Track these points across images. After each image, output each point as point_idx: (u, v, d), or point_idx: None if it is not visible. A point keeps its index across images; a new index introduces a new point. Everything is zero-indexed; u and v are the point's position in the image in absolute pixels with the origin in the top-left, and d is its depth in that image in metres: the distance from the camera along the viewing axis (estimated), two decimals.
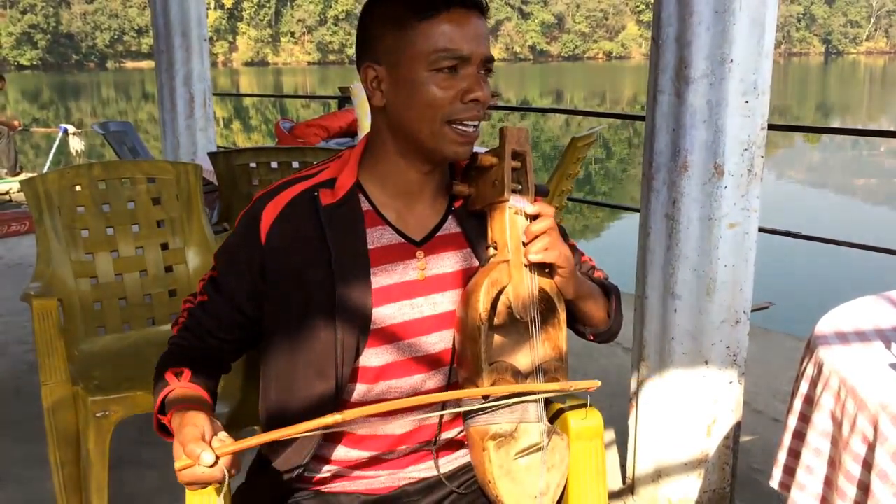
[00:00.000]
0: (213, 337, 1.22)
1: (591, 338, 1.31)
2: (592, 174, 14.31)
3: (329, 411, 1.15)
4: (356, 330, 1.14)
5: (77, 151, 8.70)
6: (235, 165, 2.91)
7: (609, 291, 1.29)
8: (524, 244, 1.13)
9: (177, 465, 0.97)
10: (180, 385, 1.14)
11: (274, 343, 1.21)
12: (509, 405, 1.12)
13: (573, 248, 1.34)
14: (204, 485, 0.99)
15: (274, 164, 2.92)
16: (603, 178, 14.55)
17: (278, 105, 28.74)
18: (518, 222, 1.14)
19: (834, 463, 1.26)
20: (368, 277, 1.15)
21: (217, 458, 0.96)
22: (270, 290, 1.17)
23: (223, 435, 1.01)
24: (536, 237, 1.12)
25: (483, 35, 1.12)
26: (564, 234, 1.32)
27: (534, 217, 1.14)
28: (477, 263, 1.20)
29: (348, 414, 0.99)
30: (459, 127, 1.12)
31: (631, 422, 2.28)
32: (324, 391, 1.15)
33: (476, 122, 1.13)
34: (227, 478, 0.97)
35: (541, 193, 1.23)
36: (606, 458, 2.17)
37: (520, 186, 1.15)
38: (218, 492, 0.98)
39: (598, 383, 1.12)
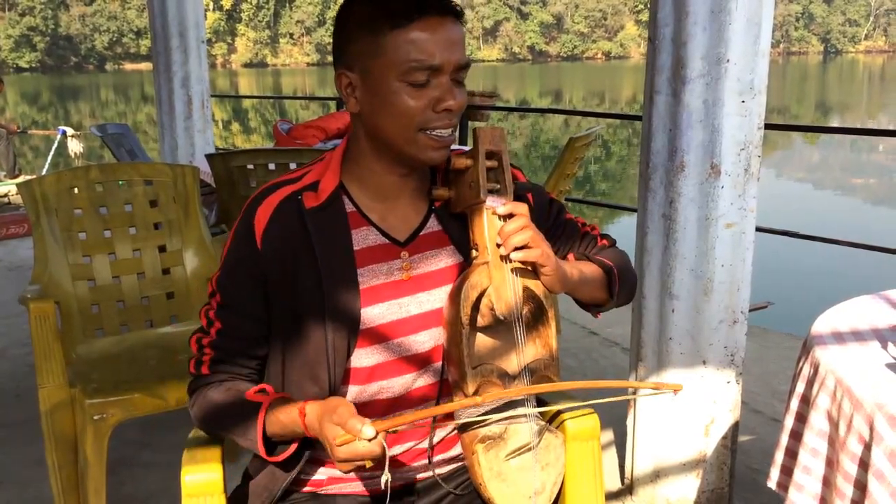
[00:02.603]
0: (248, 357, 1.20)
1: (598, 316, 1.31)
2: (592, 174, 14.31)
3: None
4: (346, 331, 1.14)
5: (76, 154, 8.69)
6: (233, 167, 2.90)
7: (610, 270, 1.27)
8: (498, 245, 1.13)
9: (337, 440, 0.98)
10: (272, 396, 1.14)
11: (270, 348, 1.22)
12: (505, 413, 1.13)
13: (572, 224, 1.32)
14: (358, 462, 1.00)
15: (271, 166, 2.92)
16: (602, 177, 14.55)
17: (277, 106, 28.75)
18: (497, 223, 1.13)
19: (832, 463, 1.26)
20: (356, 278, 1.16)
21: (377, 432, 0.97)
22: (269, 295, 1.18)
23: (368, 420, 1.01)
24: (510, 236, 1.10)
25: (457, 41, 1.10)
26: (561, 210, 1.31)
27: (507, 217, 1.13)
28: (461, 261, 1.20)
29: (488, 396, 1.03)
30: (434, 133, 1.11)
31: (629, 422, 2.28)
32: (316, 394, 1.15)
33: (450, 129, 1.13)
34: (386, 450, 0.98)
35: (525, 190, 1.22)
36: (605, 458, 2.18)
37: (497, 186, 1.15)
38: (378, 465, 0.99)
39: (682, 386, 1.11)
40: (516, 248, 1.10)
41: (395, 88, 1.09)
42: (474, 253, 1.16)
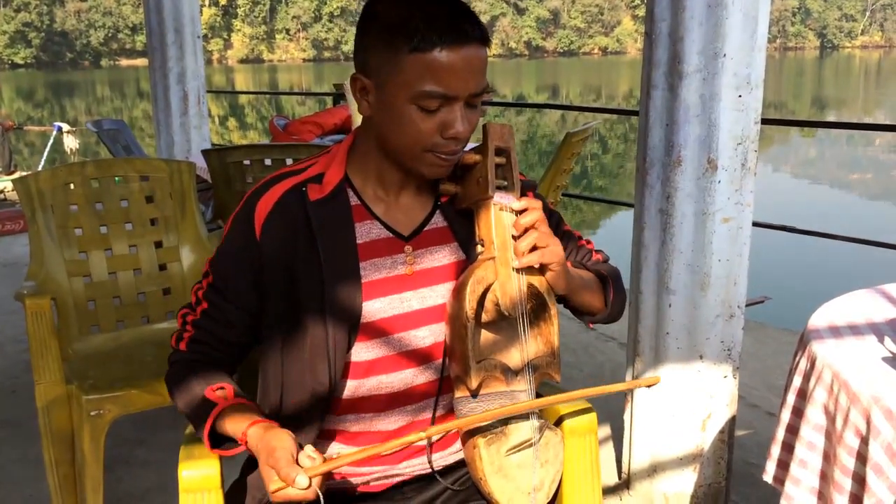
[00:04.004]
0: (226, 343, 1.21)
1: (590, 325, 1.32)
2: (589, 170, 14.32)
3: (321, 408, 1.16)
4: (346, 325, 1.14)
5: (72, 150, 8.67)
6: (229, 163, 2.90)
7: (605, 279, 1.29)
8: (514, 238, 1.13)
9: (271, 487, 1.00)
10: (229, 401, 1.14)
11: (269, 341, 1.21)
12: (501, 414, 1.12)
13: (569, 234, 1.33)
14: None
15: (268, 162, 2.91)
16: (599, 173, 14.56)
17: (274, 102, 28.69)
18: (504, 219, 1.14)
19: (828, 456, 1.26)
20: (358, 272, 1.15)
21: (310, 480, 0.99)
22: (268, 287, 1.17)
23: (310, 450, 1.03)
24: (525, 231, 1.12)
25: (477, 69, 1.08)
26: (560, 221, 1.32)
27: (521, 212, 1.14)
28: (465, 258, 1.20)
29: (433, 430, 1.05)
30: (439, 153, 1.11)
31: (626, 417, 2.28)
32: (316, 388, 1.15)
33: (453, 155, 1.12)
34: (320, 496, 1.00)
35: (528, 187, 1.23)
36: (601, 453, 2.18)
37: (505, 183, 1.15)
38: None
39: (659, 379, 1.16)
40: (525, 254, 1.12)
41: (406, 109, 1.07)
42: (480, 248, 1.16)
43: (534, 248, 1.13)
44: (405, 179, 1.19)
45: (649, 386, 1.18)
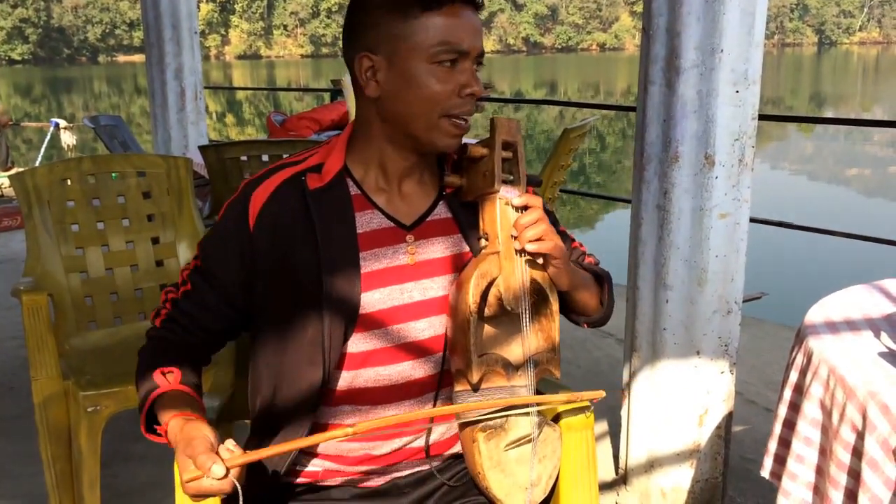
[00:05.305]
0: (200, 328, 1.21)
1: (585, 325, 1.32)
2: (586, 166, 14.31)
3: (316, 400, 1.15)
4: (344, 316, 1.13)
5: (69, 146, 8.64)
6: (226, 159, 2.90)
7: (601, 279, 1.30)
8: (513, 237, 1.13)
9: (185, 476, 0.96)
10: (171, 386, 1.13)
11: (263, 331, 1.21)
12: (502, 413, 1.12)
13: (563, 235, 1.34)
14: (210, 497, 0.98)
15: (265, 157, 2.91)
16: (597, 169, 14.56)
17: (271, 98, 28.64)
18: (509, 213, 1.13)
19: (825, 451, 1.26)
20: (357, 262, 1.15)
21: (228, 470, 0.95)
22: (260, 278, 1.16)
23: (231, 444, 1.00)
24: (526, 228, 1.12)
25: (479, 30, 1.14)
26: (555, 221, 1.32)
27: (522, 208, 1.14)
28: (467, 249, 1.20)
29: (361, 426, 1.00)
30: (455, 119, 1.13)
31: (623, 412, 2.28)
32: (311, 379, 1.14)
33: (469, 116, 1.15)
34: (239, 490, 0.96)
35: (534, 183, 1.22)
36: (599, 449, 2.19)
37: (511, 177, 1.15)
38: None
39: (603, 393, 1.14)
40: (531, 241, 1.11)
41: (424, 71, 1.10)
42: (483, 242, 1.16)
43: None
44: (408, 168, 1.19)
45: (591, 401, 1.17)
